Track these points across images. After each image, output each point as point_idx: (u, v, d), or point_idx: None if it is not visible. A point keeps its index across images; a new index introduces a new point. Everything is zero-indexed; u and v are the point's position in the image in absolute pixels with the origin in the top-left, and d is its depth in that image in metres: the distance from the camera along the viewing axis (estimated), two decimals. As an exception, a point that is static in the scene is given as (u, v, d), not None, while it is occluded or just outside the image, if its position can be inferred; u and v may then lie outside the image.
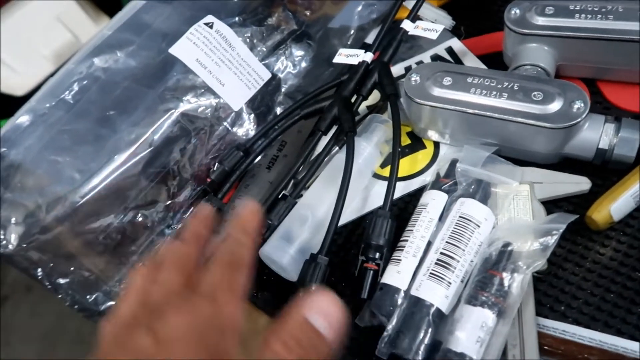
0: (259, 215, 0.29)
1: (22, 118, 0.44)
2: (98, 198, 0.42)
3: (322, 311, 0.24)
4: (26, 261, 0.41)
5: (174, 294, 0.24)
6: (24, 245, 0.40)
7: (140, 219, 0.44)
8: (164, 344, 0.21)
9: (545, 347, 0.33)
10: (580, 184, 0.39)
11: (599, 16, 0.42)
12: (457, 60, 0.51)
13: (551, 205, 0.39)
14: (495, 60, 0.49)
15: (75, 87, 0.45)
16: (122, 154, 0.43)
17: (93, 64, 0.46)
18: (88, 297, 0.43)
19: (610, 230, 0.37)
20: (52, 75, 0.48)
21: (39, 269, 0.41)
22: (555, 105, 0.38)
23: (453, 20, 0.54)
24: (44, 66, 0.91)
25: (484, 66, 0.49)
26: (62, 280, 0.42)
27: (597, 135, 0.38)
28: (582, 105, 0.38)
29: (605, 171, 0.40)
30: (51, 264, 0.42)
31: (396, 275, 0.36)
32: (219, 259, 0.26)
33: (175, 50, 0.46)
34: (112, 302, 0.44)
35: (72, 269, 0.42)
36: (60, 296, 0.42)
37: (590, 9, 0.42)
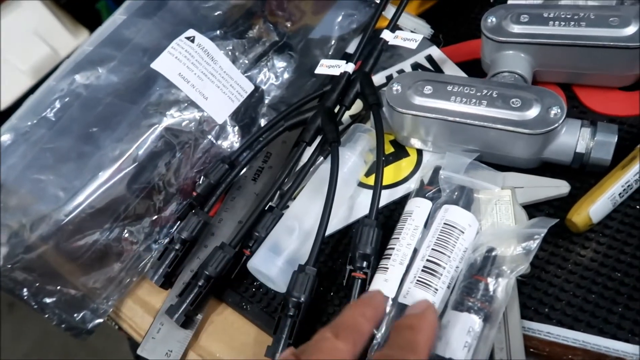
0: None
1: (3, 137, 0.44)
2: (83, 215, 0.42)
3: None
4: (11, 282, 0.41)
5: None
6: (9, 266, 0.40)
7: (126, 235, 0.44)
8: None
9: (531, 350, 0.33)
10: (559, 187, 0.40)
11: (572, 23, 0.43)
12: (437, 68, 0.52)
13: (532, 209, 0.40)
14: (474, 67, 0.50)
15: (57, 105, 0.45)
16: (106, 170, 0.43)
17: (74, 81, 0.46)
18: (75, 315, 0.43)
19: (590, 232, 0.38)
20: (32, 90, 0.48)
21: (25, 289, 0.41)
22: (533, 112, 0.39)
23: (432, 28, 0.55)
24: (22, 80, 0.90)
25: (463, 73, 0.50)
26: (48, 300, 0.42)
27: (574, 139, 0.39)
28: (559, 110, 0.39)
29: (583, 174, 0.41)
30: (37, 284, 0.41)
31: (384, 284, 0.37)
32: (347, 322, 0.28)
33: (157, 65, 0.46)
34: (100, 320, 0.43)
35: (58, 287, 0.42)
36: (47, 316, 0.42)
37: (563, 16, 0.43)
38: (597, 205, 0.37)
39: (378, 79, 0.52)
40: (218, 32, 0.50)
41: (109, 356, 1.30)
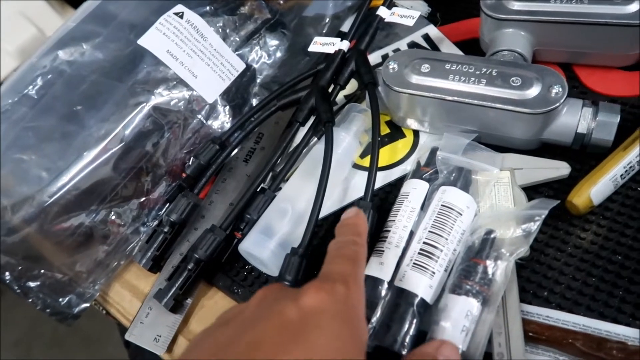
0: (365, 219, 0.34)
1: (-17, 115, 0.42)
2: (67, 197, 0.40)
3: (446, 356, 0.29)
4: (-8, 265, 0.39)
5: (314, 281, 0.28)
6: (-10, 249, 0.39)
7: (113, 217, 0.43)
8: (307, 314, 0.25)
9: (530, 334, 0.32)
10: (559, 169, 0.39)
11: (574, 0, 0.42)
12: (434, 47, 0.50)
13: (532, 191, 0.39)
14: (472, 47, 0.49)
15: (39, 82, 0.43)
16: (92, 150, 0.41)
17: (57, 57, 0.44)
18: (61, 300, 0.42)
19: (591, 214, 0.37)
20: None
21: (7, 273, 0.40)
22: (533, 91, 0.38)
23: (429, 6, 0.53)
24: (8, 62, 0.88)
25: (461, 53, 0.49)
26: (32, 284, 0.41)
27: (575, 119, 0.38)
28: (560, 89, 0.37)
29: (584, 155, 0.40)
30: (20, 267, 0.40)
31: (379, 267, 0.36)
32: (344, 254, 0.30)
33: (145, 41, 0.44)
34: (86, 305, 0.42)
35: (42, 271, 0.41)
36: (30, 300, 0.41)
37: (565, -7, 0.42)
38: (598, 187, 0.36)
39: (373, 58, 0.51)
40: (208, 8, 0.48)
41: (101, 342, 1.29)
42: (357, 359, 0.25)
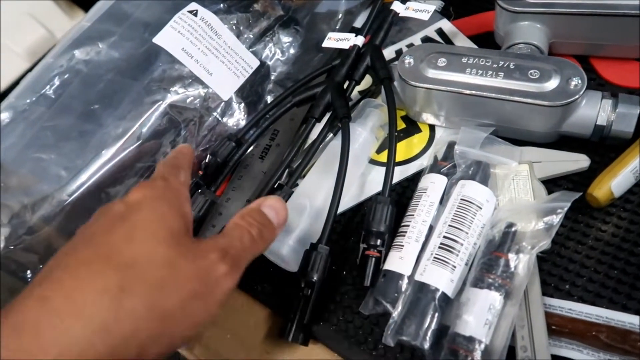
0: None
1: (1, 115, 0.42)
2: (86, 195, 0.41)
3: (273, 207, 0.33)
4: (14, 263, 0.39)
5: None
6: (11, 248, 0.39)
7: (131, 216, 0.43)
8: (131, 205, 0.29)
9: (553, 327, 0.32)
10: (579, 161, 0.39)
11: (590, -9, 0.41)
12: (448, 41, 0.50)
13: (551, 184, 0.39)
14: (486, 40, 0.48)
15: (56, 82, 0.43)
16: (109, 149, 0.41)
17: (74, 57, 0.44)
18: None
19: (611, 206, 0.37)
20: (29, 71, 0.46)
21: (28, 271, 0.40)
22: (552, 83, 0.38)
23: (442, 0, 0.53)
24: (18, 64, 0.88)
25: (476, 47, 0.49)
26: (52, 282, 0.41)
27: (594, 111, 0.38)
28: (580, 81, 0.37)
29: (602, 147, 0.39)
30: (41, 265, 0.40)
31: (399, 261, 0.36)
32: (164, 161, 0.35)
33: (160, 39, 0.44)
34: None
35: (62, 270, 0.41)
36: (51, 298, 0.41)
37: (582, -16, 0.42)
38: (619, 179, 0.36)
39: (387, 53, 0.51)
40: (221, 5, 0.48)
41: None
42: (178, 227, 0.28)
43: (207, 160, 0.44)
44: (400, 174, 0.43)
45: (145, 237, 0.27)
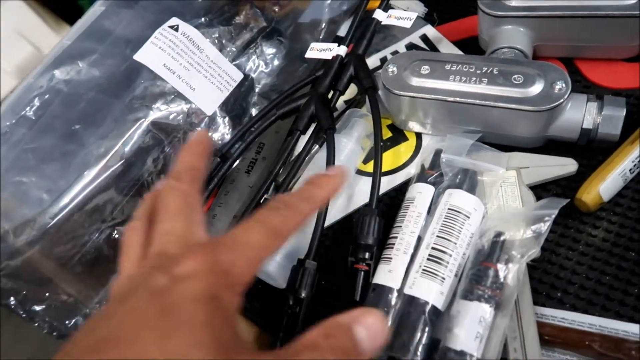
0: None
1: (-19, 139, 0.41)
2: (70, 217, 0.40)
3: (371, 329, 0.23)
4: (-3, 291, 0.39)
5: (184, 240, 0.25)
6: (-6, 275, 0.38)
7: (117, 236, 0.42)
8: (179, 280, 0.22)
9: (546, 337, 0.32)
10: (567, 165, 0.38)
11: (573, -7, 0.41)
12: (433, 47, 0.50)
13: (539, 189, 0.39)
14: (471, 45, 0.48)
15: (37, 102, 0.43)
16: (92, 169, 0.41)
17: (54, 77, 0.44)
18: (67, 322, 0.41)
19: (601, 210, 0.37)
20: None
21: (12, 298, 0.39)
22: (536, 88, 0.37)
23: (425, 6, 0.52)
24: (7, 82, 0.88)
25: (460, 52, 0.48)
26: (37, 307, 0.40)
27: (580, 115, 0.38)
28: (564, 85, 0.37)
29: (590, 151, 0.39)
30: (24, 291, 0.39)
31: (388, 275, 0.35)
32: (268, 219, 0.26)
33: (141, 56, 0.44)
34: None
35: (47, 294, 0.40)
36: (36, 324, 0.40)
37: (564, -14, 0.41)
38: (607, 183, 0.36)
39: (372, 61, 0.50)
40: (203, 19, 0.47)
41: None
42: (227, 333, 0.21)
43: (210, 158, 0.43)
44: (387, 183, 0.43)
45: (184, 342, 0.20)
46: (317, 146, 0.44)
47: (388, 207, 0.42)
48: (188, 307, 0.21)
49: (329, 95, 0.44)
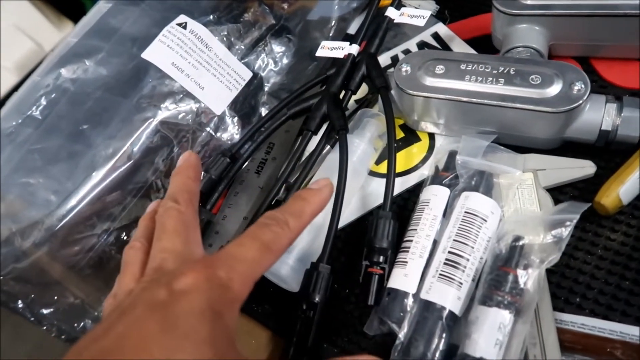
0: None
1: (-14, 139, 0.41)
2: (78, 219, 0.39)
3: None
4: (4, 294, 0.38)
5: (182, 257, 0.26)
6: (1, 278, 0.37)
7: (125, 238, 0.41)
8: (179, 294, 0.23)
9: (566, 344, 0.31)
10: (584, 167, 0.38)
11: (590, -9, 0.40)
12: (445, 46, 0.49)
13: (556, 192, 0.38)
14: (483, 43, 0.47)
15: (43, 102, 0.42)
16: (100, 170, 0.40)
17: (60, 75, 0.43)
18: (75, 325, 0.40)
19: (620, 214, 0.36)
20: (16, 88, 0.45)
21: (19, 301, 0.39)
22: (554, 88, 0.37)
23: (437, 4, 0.52)
24: (7, 78, 0.87)
25: (473, 51, 0.48)
26: (45, 311, 0.40)
27: (599, 116, 0.37)
28: (583, 86, 0.36)
29: (607, 153, 0.38)
30: (32, 295, 0.39)
31: (403, 279, 0.34)
32: (261, 236, 0.27)
33: (148, 54, 0.43)
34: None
35: (55, 297, 0.40)
36: (45, 327, 0.39)
37: (580, -16, 0.41)
38: (627, 186, 0.35)
39: (383, 60, 0.50)
40: (211, 17, 0.46)
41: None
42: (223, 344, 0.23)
43: (201, 178, 0.43)
44: (400, 185, 0.42)
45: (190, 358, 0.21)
46: (329, 147, 0.43)
47: (401, 208, 0.41)
48: (190, 321, 0.22)
49: (341, 95, 0.44)
